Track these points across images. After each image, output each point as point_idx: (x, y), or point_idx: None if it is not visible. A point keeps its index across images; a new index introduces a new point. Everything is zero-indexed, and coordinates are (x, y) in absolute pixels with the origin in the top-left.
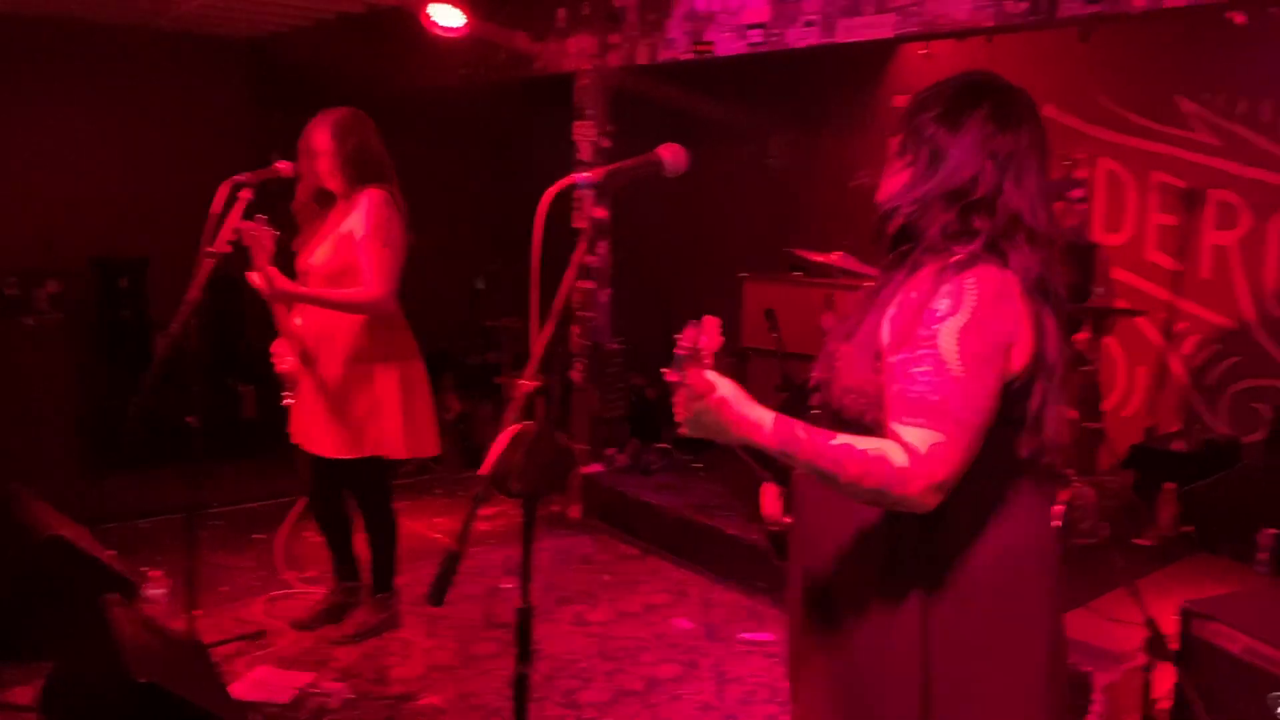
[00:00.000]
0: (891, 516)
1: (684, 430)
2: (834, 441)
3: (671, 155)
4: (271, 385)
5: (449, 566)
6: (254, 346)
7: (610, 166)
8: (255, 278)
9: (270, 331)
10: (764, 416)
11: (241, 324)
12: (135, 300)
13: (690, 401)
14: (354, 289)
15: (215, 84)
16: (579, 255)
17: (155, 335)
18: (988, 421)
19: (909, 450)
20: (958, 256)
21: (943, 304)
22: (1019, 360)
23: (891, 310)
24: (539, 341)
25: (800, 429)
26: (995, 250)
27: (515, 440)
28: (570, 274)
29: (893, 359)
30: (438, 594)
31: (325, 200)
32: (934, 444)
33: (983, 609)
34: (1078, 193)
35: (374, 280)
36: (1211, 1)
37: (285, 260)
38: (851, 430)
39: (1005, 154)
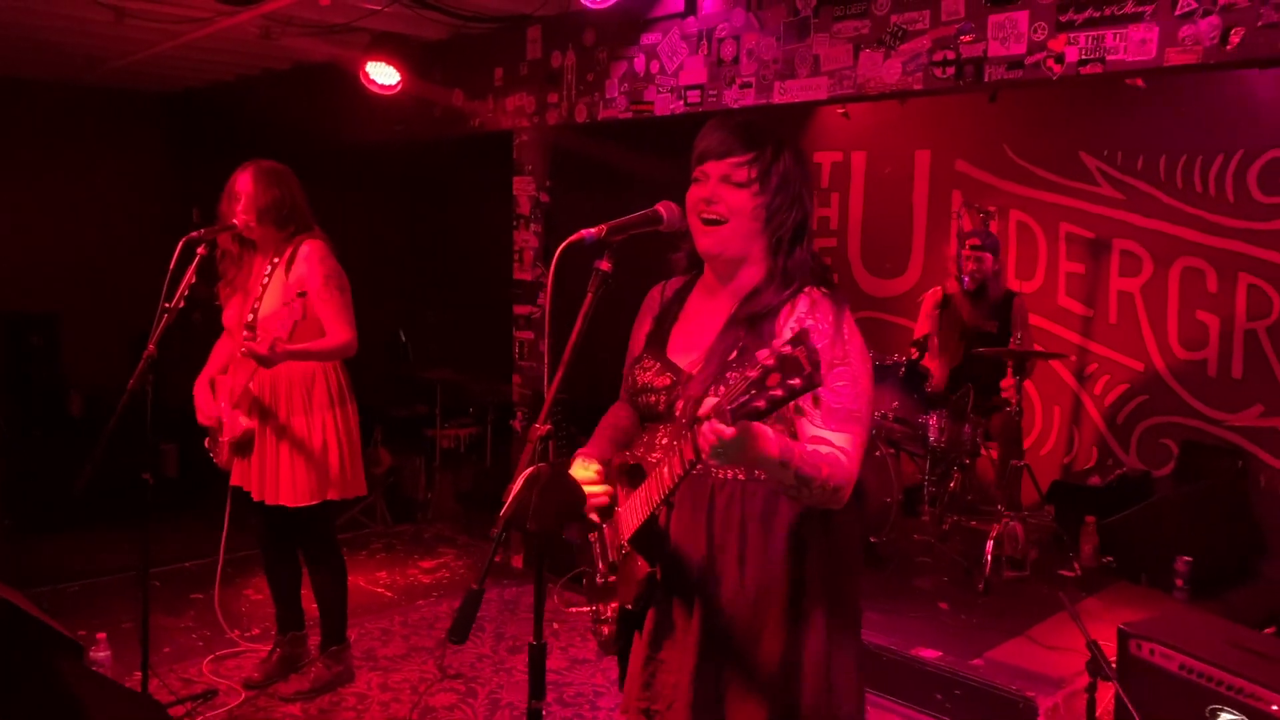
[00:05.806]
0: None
1: (713, 462)
2: (809, 446)
3: (668, 211)
4: (195, 442)
5: (471, 604)
6: (171, 403)
7: (612, 222)
8: (257, 346)
9: (186, 387)
10: (766, 430)
11: (162, 380)
12: (47, 357)
13: (720, 441)
14: (327, 338)
15: (131, 137)
16: (587, 306)
17: (70, 393)
18: None
19: (845, 453)
20: (826, 288)
21: (845, 328)
22: None
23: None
24: (551, 389)
25: (785, 439)
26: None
27: (530, 481)
28: (580, 324)
29: None
30: (460, 631)
31: (249, 248)
32: (855, 446)
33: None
34: (974, 241)
35: (341, 326)
36: (1122, 70)
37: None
38: None
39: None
